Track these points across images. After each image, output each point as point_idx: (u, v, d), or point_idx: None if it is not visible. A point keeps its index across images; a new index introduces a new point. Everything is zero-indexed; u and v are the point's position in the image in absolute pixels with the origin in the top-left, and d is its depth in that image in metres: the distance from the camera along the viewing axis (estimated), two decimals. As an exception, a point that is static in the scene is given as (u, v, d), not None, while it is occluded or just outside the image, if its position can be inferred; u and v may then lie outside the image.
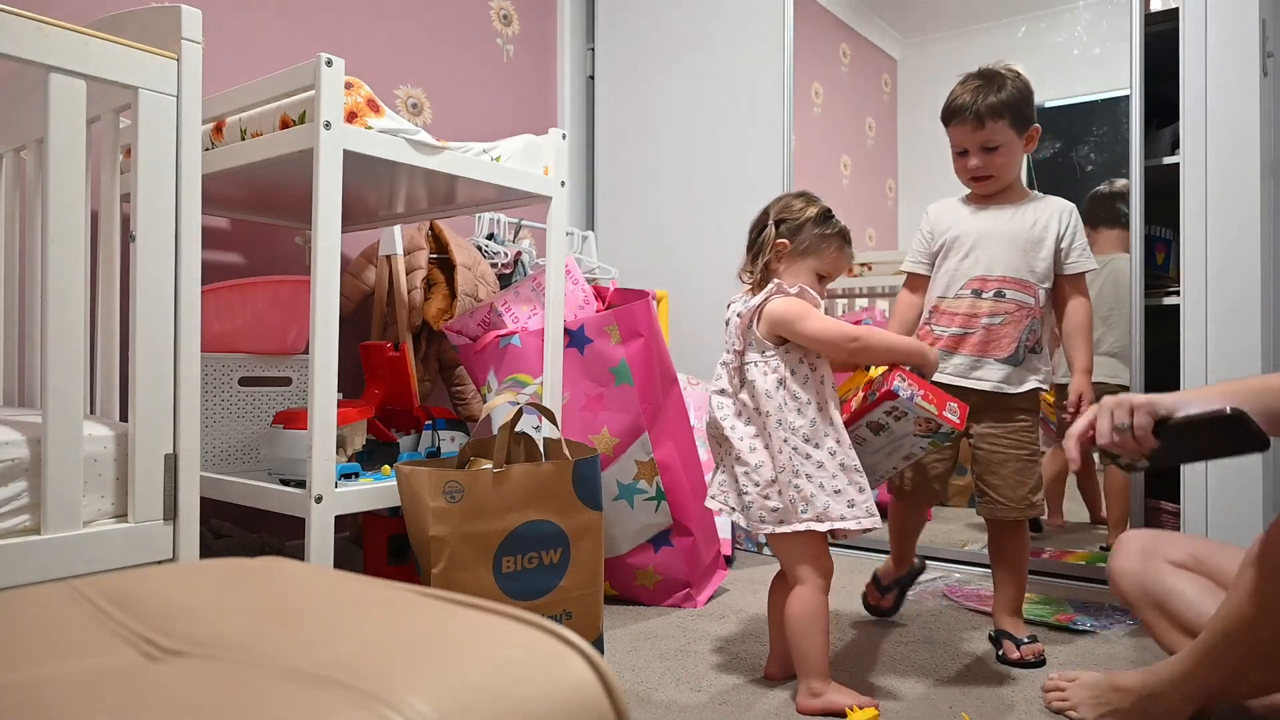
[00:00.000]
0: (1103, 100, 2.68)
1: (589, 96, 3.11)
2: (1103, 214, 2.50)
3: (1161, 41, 2.07)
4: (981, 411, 1.66)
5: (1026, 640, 1.62)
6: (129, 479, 1.19)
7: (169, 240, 1.21)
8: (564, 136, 1.84)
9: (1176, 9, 2.05)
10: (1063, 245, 1.67)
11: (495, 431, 1.56)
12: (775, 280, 1.44)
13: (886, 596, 1.86)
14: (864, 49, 3.03)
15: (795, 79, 2.62)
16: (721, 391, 1.47)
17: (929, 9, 3.02)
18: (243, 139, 1.57)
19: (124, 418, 1.25)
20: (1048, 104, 2.83)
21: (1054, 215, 1.68)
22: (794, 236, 1.47)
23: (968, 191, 1.76)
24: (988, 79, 1.64)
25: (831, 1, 2.92)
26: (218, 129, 1.62)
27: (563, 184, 1.82)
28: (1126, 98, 2.13)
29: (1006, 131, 1.63)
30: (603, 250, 2.98)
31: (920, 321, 1.76)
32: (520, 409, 1.55)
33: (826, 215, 1.48)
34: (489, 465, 1.50)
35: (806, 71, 2.70)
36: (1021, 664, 1.60)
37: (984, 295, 1.66)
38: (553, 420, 1.65)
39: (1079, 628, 1.80)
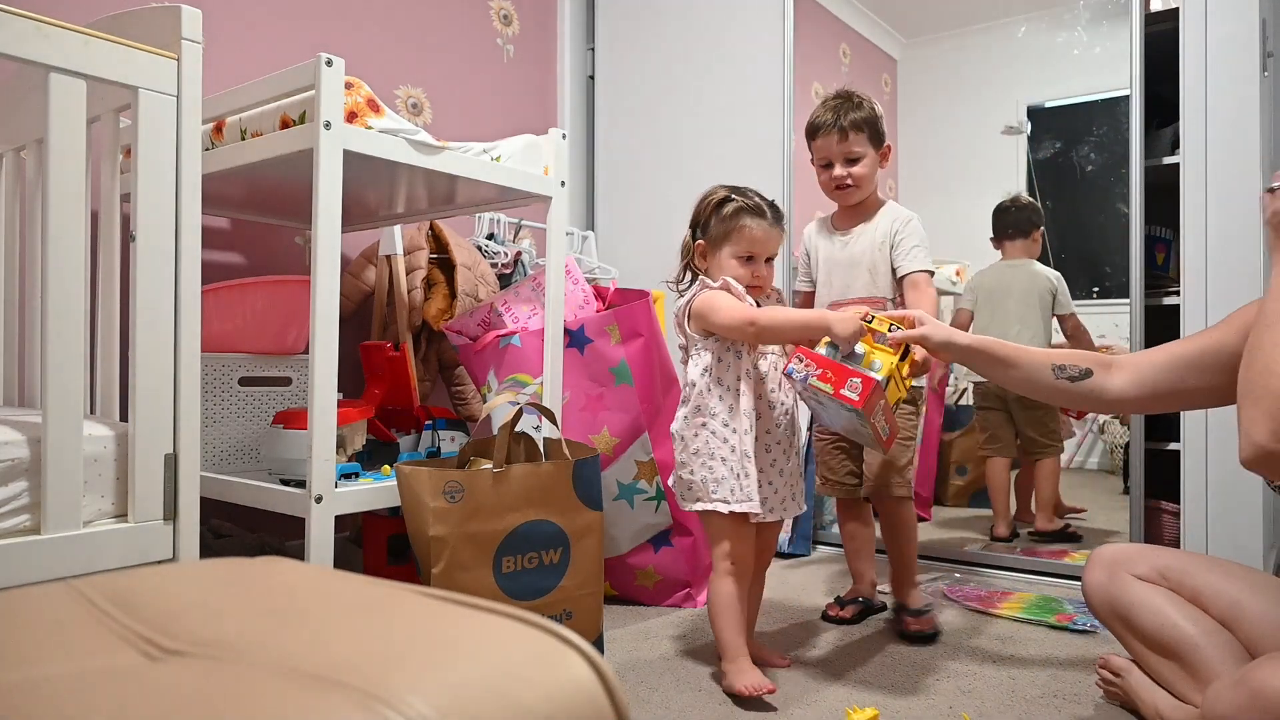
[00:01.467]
0: (1103, 100, 2.68)
1: (589, 96, 3.11)
2: (1008, 225, 2.63)
3: (1161, 41, 2.07)
4: None
5: (922, 612, 1.76)
6: (129, 479, 1.19)
7: (169, 240, 1.21)
8: (564, 136, 1.85)
9: (1176, 9, 2.05)
10: (894, 250, 1.79)
11: (495, 431, 1.56)
12: (701, 277, 1.52)
13: (846, 609, 1.88)
14: (864, 49, 3.03)
15: (795, 79, 2.62)
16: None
17: (929, 9, 3.02)
18: (243, 139, 1.57)
19: (124, 418, 1.25)
20: (1048, 104, 2.83)
21: (891, 224, 1.80)
22: (705, 233, 1.52)
23: (826, 216, 1.92)
24: (847, 98, 1.79)
25: (831, 1, 2.92)
26: (218, 129, 1.62)
27: (563, 184, 1.82)
28: (1126, 98, 2.13)
29: (866, 145, 1.78)
30: (603, 250, 2.97)
31: None
32: (520, 409, 1.55)
33: (725, 199, 1.51)
34: (489, 465, 1.50)
35: (806, 71, 2.70)
36: (918, 636, 1.72)
37: None
38: (553, 420, 1.65)
39: (1079, 628, 1.80)
